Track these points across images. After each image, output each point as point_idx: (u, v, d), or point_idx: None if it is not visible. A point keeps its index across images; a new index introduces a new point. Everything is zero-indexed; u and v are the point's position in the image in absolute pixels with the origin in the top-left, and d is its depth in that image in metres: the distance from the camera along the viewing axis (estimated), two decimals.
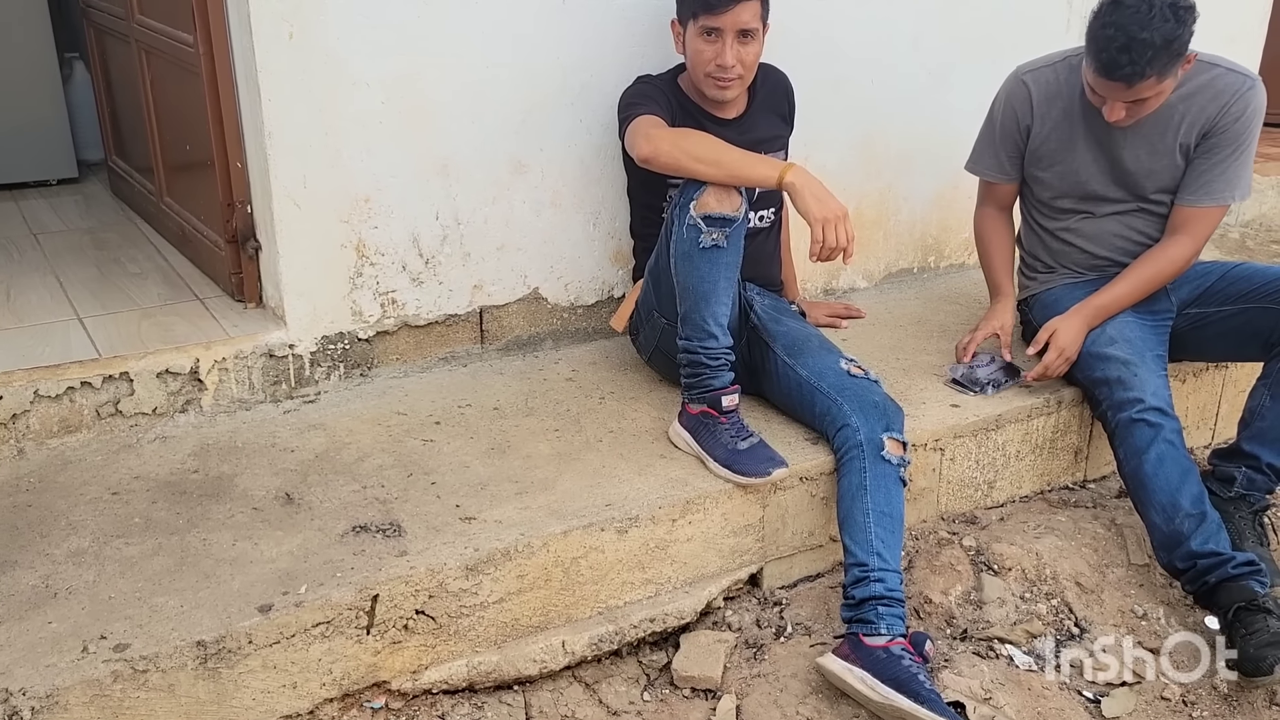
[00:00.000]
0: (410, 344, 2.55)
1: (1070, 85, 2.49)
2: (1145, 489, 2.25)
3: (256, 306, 2.55)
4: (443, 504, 2.05)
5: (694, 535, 2.12)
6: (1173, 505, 2.20)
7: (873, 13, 2.91)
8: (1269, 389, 2.36)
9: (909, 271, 3.27)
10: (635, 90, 2.39)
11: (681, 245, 2.13)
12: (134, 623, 1.70)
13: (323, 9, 2.22)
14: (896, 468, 2.10)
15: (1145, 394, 2.29)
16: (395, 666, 1.87)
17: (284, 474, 2.14)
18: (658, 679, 2.06)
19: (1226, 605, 2.12)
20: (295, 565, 1.85)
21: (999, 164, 2.65)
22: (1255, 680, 2.04)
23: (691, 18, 2.28)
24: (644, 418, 2.39)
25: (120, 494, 2.06)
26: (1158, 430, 2.25)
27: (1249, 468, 2.37)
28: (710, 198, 2.10)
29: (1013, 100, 2.57)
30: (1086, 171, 2.53)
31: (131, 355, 2.29)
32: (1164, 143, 2.44)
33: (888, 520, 2.05)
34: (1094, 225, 2.58)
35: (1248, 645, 2.04)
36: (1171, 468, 2.23)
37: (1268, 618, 2.07)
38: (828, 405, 2.20)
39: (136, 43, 2.95)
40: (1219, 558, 2.15)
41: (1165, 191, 2.51)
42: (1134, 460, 2.27)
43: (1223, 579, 2.13)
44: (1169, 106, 2.39)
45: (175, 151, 2.88)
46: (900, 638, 1.94)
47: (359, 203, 2.38)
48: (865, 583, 2.00)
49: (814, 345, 2.33)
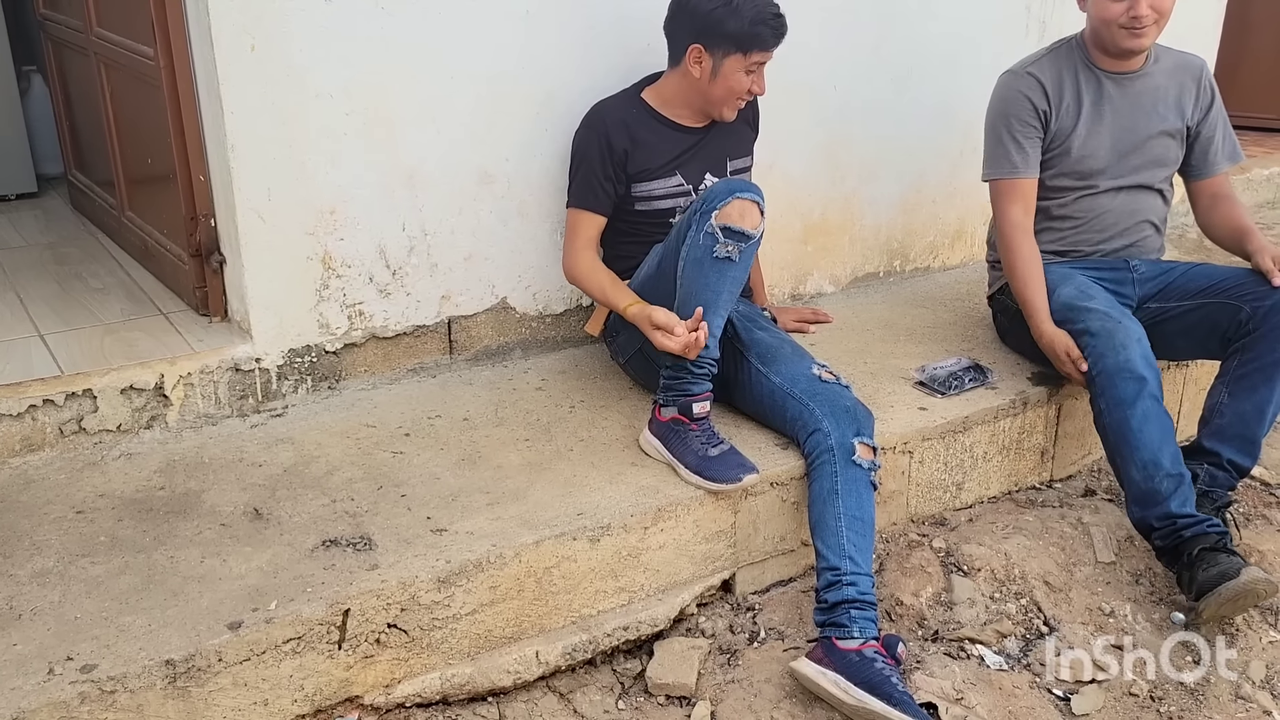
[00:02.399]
0: (378, 356, 2.54)
1: (1070, 68, 2.62)
2: (1128, 444, 2.27)
3: (222, 320, 2.53)
4: (413, 516, 2.04)
5: (666, 542, 2.12)
6: (1154, 463, 2.23)
7: (835, 19, 2.93)
8: (1226, 386, 2.39)
9: (875, 276, 3.30)
10: (581, 141, 2.43)
11: (695, 251, 2.15)
12: (101, 643, 1.68)
13: (285, 21, 2.21)
14: (867, 472, 2.12)
15: (1130, 345, 2.31)
16: (368, 681, 1.86)
17: (252, 489, 2.12)
18: (632, 687, 2.06)
19: (1192, 549, 2.17)
20: (265, 581, 1.84)
21: (1024, 155, 2.60)
22: (1219, 592, 2.08)
23: (740, 53, 2.32)
24: (614, 426, 2.39)
25: (85, 512, 2.04)
26: (1143, 385, 2.28)
27: (1210, 465, 2.39)
28: (734, 210, 2.12)
29: (1027, 91, 2.60)
30: (1089, 146, 2.60)
31: (95, 372, 2.26)
32: (1166, 107, 2.62)
33: (859, 524, 2.07)
34: (1093, 201, 2.64)
35: (1209, 573, 2.11)
36: (1155, 425, 2.26)
37: (1231, 556, 2.14)
38: (799, 411, 2.21)
39: (95, 55, 2.92)
40: (1195, 519, 2.20)
41: (1160, 165, 2.64)
42: (1117, 412, 2.29)
43: (1197, 534, 2.18)
44: (1158, 82, 2.61)
45: (137, 165, 2.85)
46: (873, 640, 1.95)
47: (324, 214, 2.36)
48: (837, 586, 2.01)
49: (787, 353, 2.35)
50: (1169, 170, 2.68)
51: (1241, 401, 2.35)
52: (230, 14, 2.16)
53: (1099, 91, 2.61)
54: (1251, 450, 2.38)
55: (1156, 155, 2.63)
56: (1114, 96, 2.61)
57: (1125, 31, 2.50)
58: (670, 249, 2.25)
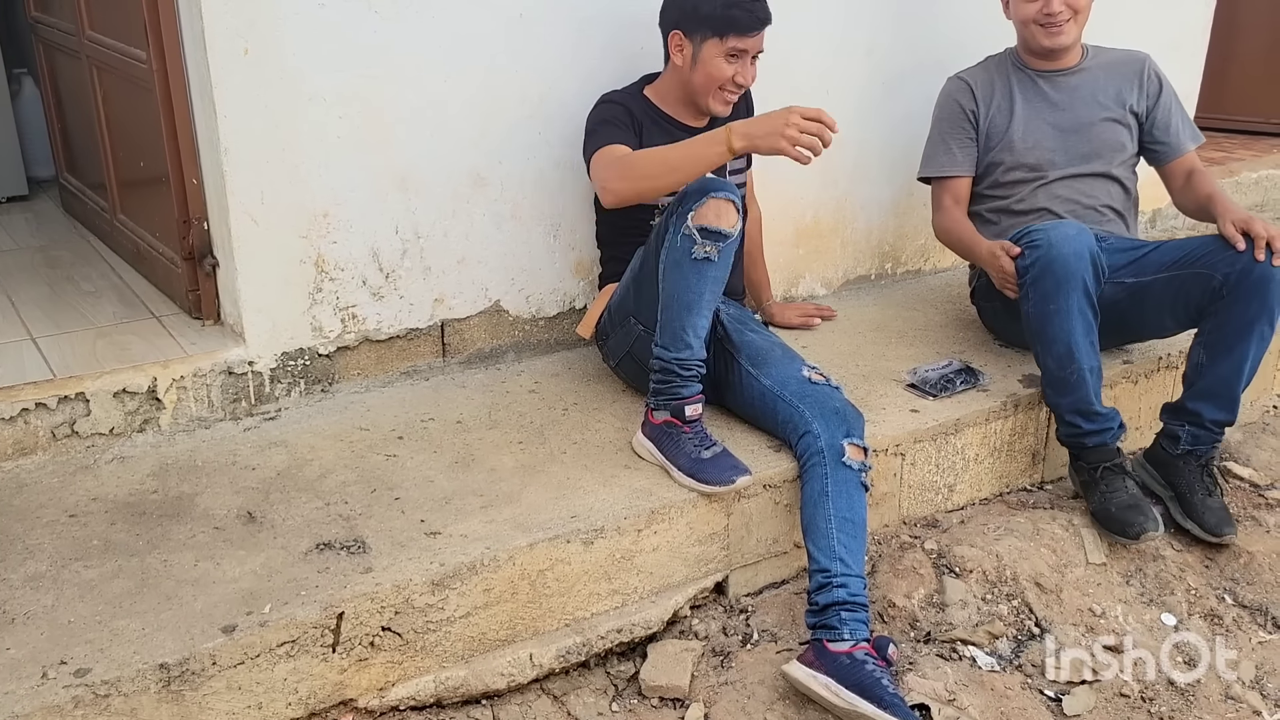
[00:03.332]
0: (371, 359, 2.54)
1: (1001, 73, 2.81)
2: (1047, 335, 2.40)
3: (215, 324, 2.53)
4: (407, 519, 2.04)
5: (659, 545, 2.12)
6: (1068, 355, 2.38)
7: (826, 24, 2.94)
8: (1205, 347, 2.46)
9: (866, 278, 3.31)
10: (596, 114, 2.40)
11: (673, 254, 2.14)
12: (94, 647, 1.68)
13: (279, 24, 2.21)
14: (858, 473, 2.12)
15: (1064, 242, 2.37)
16: (362, 684, 1.86)
17: (245, 492, 2.12)
18: (626, 689, 2.06)
19: (1095, 463, 2.44)
20: (259, 584, 1.84)
21: (951, 156, 2.80)
22: (1120, 539, 2.38)
23: (716, 37, 2.31)
24: (608, 428, 2.39)
25: (78, 516, 2.03)
26: (1069, 281, 2.35)
27: (1191, 424, 2.50)
28: (709, 210, 2.10)
29: (955, 95, 2.81)
30: (1032, 137, 2.74)
31: (87, 375, 2.26)
32: (1107, 97, 2.75)
33: (850, 525, 2.07)
34: (1047, 191, 2.74)
35: (1109, 504, 2.40)
36: (1077, 321, 2.37)
37: (1125, 479, 2.42)
38: (790, 413, 2.22)
39: (88, 59, 2.92)
40: (1100, 418, 2.42)
41: (1111, 150, 2.74)
42: (1041, 305, 2.40)
43: (1098, 444, 2.43)
44: (1096, 76, 2.76)
45: (129, 168, 2.85)
46: (864, 642, 1.96)
47: (317, 218, 2.37)
48: (828, 589, 2.01)
49: (777, 355, 2.35)
50: (1124, 156, 2.77)
51: (1219, 363, 2.43)
52: (223, 17, 2.16)
53: (1033, 89, 2.77)
54: (1231, 407, 2.48)
55: (1105, 140, 2.74)
56: (1048, 92, 2.76)
57: (1042, 30, 2.66)
58: (650, 251, 2.24)
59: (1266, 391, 3.16)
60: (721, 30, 2.31)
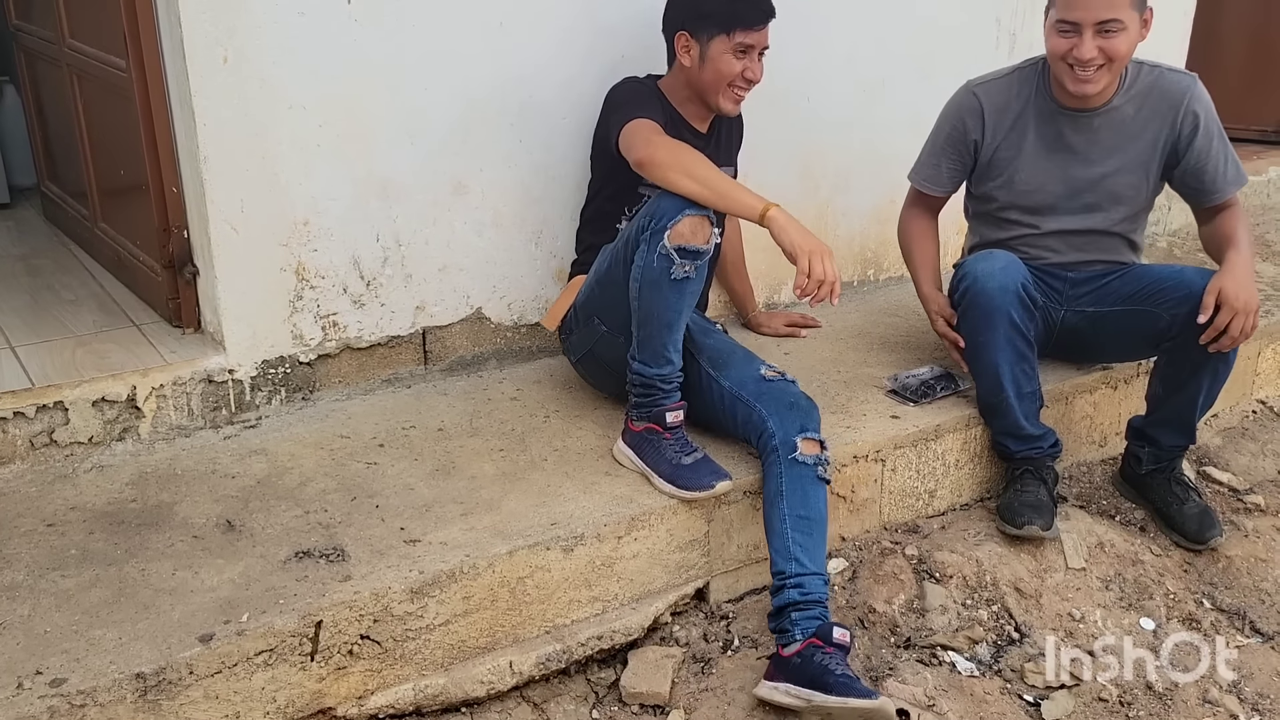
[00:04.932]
0: (353, 366, 2.54)
1: (1021, 97, 2.52)
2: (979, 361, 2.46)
3: (195, 332, 2.52)
4: (387, 527, 2.04)
5: (640, 552, 2.13)
6: (997, 385, 2.43)
7: (807, 30, 2.95)
8: (1161, 380, 2.51)
9: (849, 285, 3.32)
10: (630, 89, 2.39)
11: (650, 274, 2.11)
12: (71, 656, 1.68)
13: (258, 32, 2.21)
14: (812, 468, 2.10)
15: (990, 276, 2.39)
16: (340, 693, 1.86)
17: (225, 501, 2.12)
18: (606, 696, 2.06)
19: (1020, 465, 2.49)
20: (237, 593, 1.83)
21: (937, 175, 2.66)
22: (1003, 527, 2.42)
23: (724, 34, 2.32)
24: (589, 435, 2.39)
25: (56, 525, 2.02)
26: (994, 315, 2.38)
27: (1152, 447, 2.57)
28: (685, 229, 2.07)
29: (962, 111, 2.58)
30: (1036, 180, 2.54)
31: (66, 384, 2.25)
32: (1134, 149, 2.49)
33: (805, 523, 2.07)
34: (1037, 242, 2.59)
35: (1014, 500, 2.42)
36: (1003, 354, 2.40)
37: (1039, 486, 2.44)
38: (748, 413, 2.21)
39: (68, 66, 2.91)
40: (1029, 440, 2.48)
41: (1119, 203, 2.54)
42: (971, 338, 2.46)
43: (1024, 458, 2.48)
44: (1125, 116, 2.47)
45: (109, 176, 2.84)
46: (812, 637, 1.96)
47: (298, 226, 2.36)
48: (783, 590, 2.02)
49: (738, 357, 2.35)
50: (1133, 208, 2.56)
51: (1173, 397, 2.48)
52: (203, 26, 2.16)
53: (1050, 126, 2.50)
54: (1188, 431, 2.54)
55: (1115, 192, 2.52)
56: (1067, 133, 2.50)
57: (1070, 72, 2.37)
58: (618, 259, 2.23)
59: (1245, 396, 3.18)
60: (728, 26, 2.32)
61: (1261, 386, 3.22)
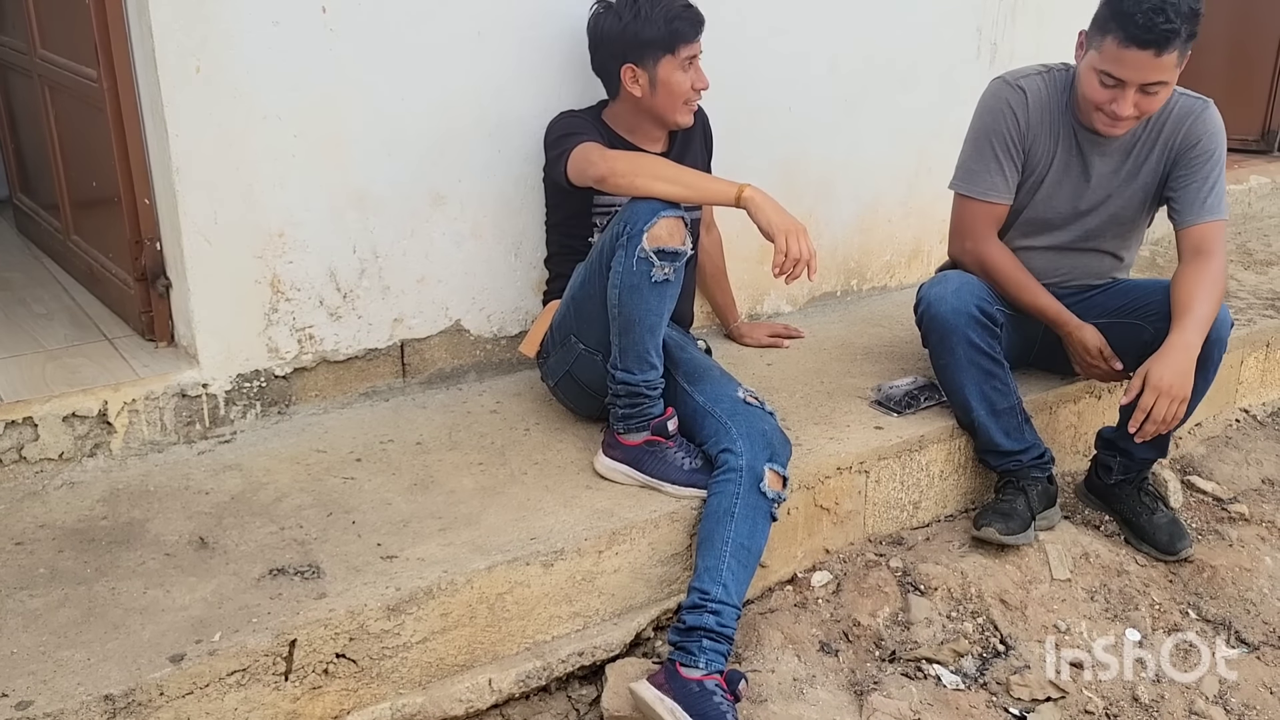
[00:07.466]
0: (329, 380, 2.50)
1: (1053, 100, 2.43)
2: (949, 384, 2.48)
3: (168, 345, 2.48)
4: (363, 543, 2.00)
5: (621, 566, 2.10)
6: (966, 405, 2.45)
7: (789, 40, 2.94)
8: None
9: (832, 295, 3.31)
10: (566, 122, 2.39)
11: (630, 278, 2.09)
12: (37, 679, 1.63)
13: (231, 43, 2.18)
14: (770, 502, 2.09)
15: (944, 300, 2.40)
16: (315, 713, 1.82)
17: (198, 517, 2.08)
18: (587, 714, 2.03)
19: (1000, 477, 2.50)
20: (209, 612, 1.80)
21: (1005, 180, 2.46)
22: (973, 531, 2.42)
23: (669, 54, 2.32)
24: (569, 449, 2.37)
25: (24, 544, 1.98)
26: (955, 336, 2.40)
27: (1123, 457, 2.55)
28: (663, 230, 2.07)
29: (1013, 105, 2.42)
30: (1050, 196, 2.49)
31: (35, 399, 2.21)
32: (1141, 175, 2.46)
33: (745, 554, 2.05)
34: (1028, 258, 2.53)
35: (990, 507, 2.43)
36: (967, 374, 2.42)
37: (1017, 496, 2.43)
38: (715, 428, 2.19)
39: (39, 78, 2.87)
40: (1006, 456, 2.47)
41: (1118, 224, 2.53)
42: (937, 360, 2.48)
43: (1005, 471, 2.48)
44: (1138, 139, 2.43)
45: (81, 188, 2.80)
46: (717, 674, 1.93)
47: (272, 238, 2.33)
48: (700, 611, 1.99)
49: (715, 374, 2.33)
50: (1128, 228, 2.56)
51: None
52: (175, 36, 2.13)
53: (1074, 145, 2.45)
54: (1161, 446, 2.51)
55: (1115, 214, 2.52)
56: (1088, 154, 2.46)
57: (1102, 118, 2.31)
58: (593, 272, 2.21)
59: (1229, 405, 3.18)
60: (671, 46, 2.32)
61: (1245, 395, 3.22)
